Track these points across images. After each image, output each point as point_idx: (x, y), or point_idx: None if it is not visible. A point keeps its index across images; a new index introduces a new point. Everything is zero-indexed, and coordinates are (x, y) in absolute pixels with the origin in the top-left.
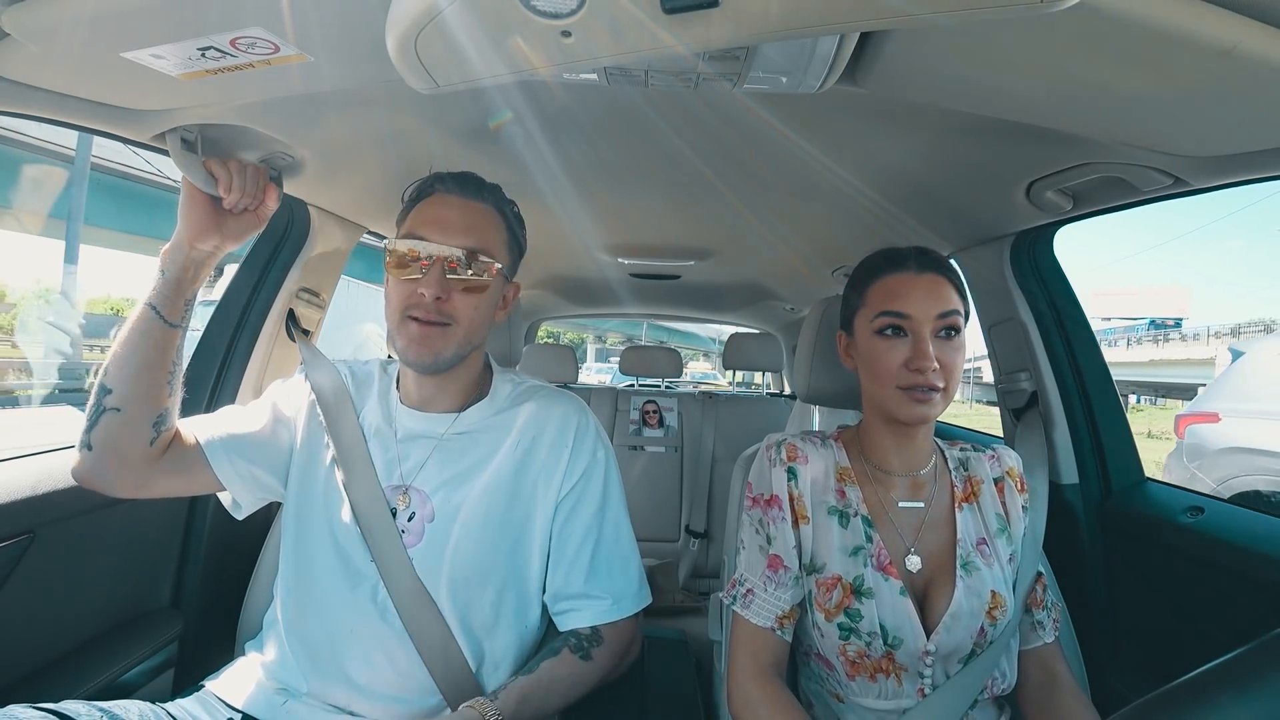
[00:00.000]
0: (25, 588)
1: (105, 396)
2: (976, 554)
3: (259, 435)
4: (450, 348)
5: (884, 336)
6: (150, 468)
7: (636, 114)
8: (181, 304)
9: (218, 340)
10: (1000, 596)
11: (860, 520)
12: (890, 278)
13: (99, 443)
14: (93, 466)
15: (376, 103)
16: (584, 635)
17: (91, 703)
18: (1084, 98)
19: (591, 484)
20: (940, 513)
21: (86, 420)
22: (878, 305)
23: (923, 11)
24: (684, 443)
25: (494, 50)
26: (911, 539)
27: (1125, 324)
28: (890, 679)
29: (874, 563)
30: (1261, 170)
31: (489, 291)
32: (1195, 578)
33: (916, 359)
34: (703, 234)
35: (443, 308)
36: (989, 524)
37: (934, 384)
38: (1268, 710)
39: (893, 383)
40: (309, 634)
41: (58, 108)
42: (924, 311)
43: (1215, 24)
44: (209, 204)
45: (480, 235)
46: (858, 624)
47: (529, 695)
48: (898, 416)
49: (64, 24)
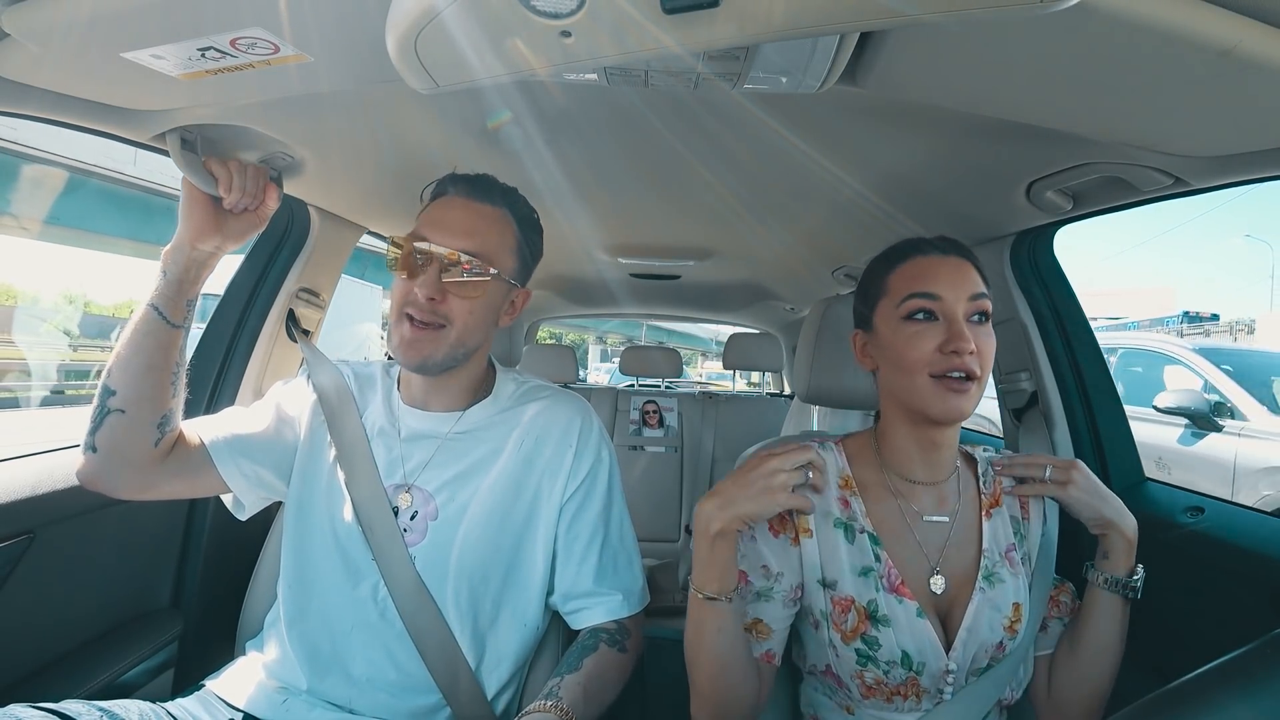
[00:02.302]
0: (25, 588)
1: (109, 398)
2: (1004, 563)
3: (263, 435)
4: (441, 350)
5: (914, 321)
6: (154, 469)
7: (636, 114)
8: (184, 304)
9: (218, 340)
10: (1021, 609)
11: (866, 537)
12: (915, 260)
13: (103, 444)
14: (97, 468)
15: (376, 103)
16: (612, 630)
17: (92, 702)
18: (1084, 98)
19: (597, 484)
20: (966, 527)
21: (90, 422)
22: (904, 289)
23: (923, 11)
24: (684, 443)
25: (494, 50)
26: (936, 557)
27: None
28: (908, 700)
29: (885, 584)
30: (1261, 170)
31: (486, 295)
32: (1195, 578)
33: (952, 340)
34: (702, 234)
35: (437, 308)
36: (1009, 528)
37: (971, 369)
38: (1269, 710)
39: (925, 370)
40: (309, 632)
41: (57, 108)
42: (955, 293)
43: (1215, 24)
44: (209, 204)
45: (480, 238)
46: (876, 652)
47: (588, 691)
48: (930, 412)
49: (64, 24)
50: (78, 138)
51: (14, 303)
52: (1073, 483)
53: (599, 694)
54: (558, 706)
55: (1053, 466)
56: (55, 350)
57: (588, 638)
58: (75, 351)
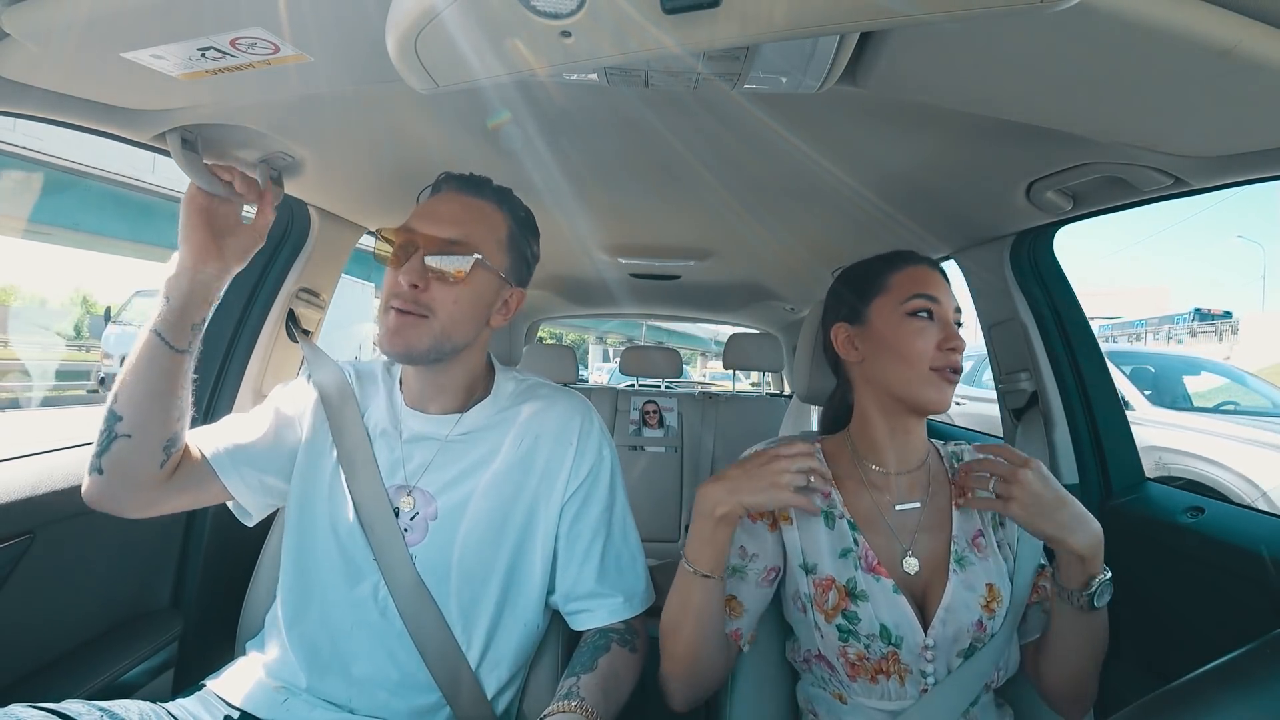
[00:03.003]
0: (25, 588)
1: (115, 423)
2: (972, 549)
3: (264, 441)
4: (425, 340)
5: (918, 318)
6: (160, 489)
7: (636, 114)
8: (189, 329)
9: (218, 340)
10: (996, 589)
11: (845, 523)
12: (917, 267)
13: (110, 468)
14: (103, 490)
15: (376, 103)
16: (621, 630)
17: (92, 702)
18: (1084, 98)
19: (599, 483)
20: (937, 513)
21: (97, 445)
22: (908, 289)
23: (923, 11)
24: (684, 443)
25: (494, 50)
26: (908, 541)
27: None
28: (891, 680)
29: (863, 564)
30: (1261, 170)
31: (471, 286)
32: (1195, 578)
33: (949, 339)
34: (702, 234)
35: (420, 297)
36: (983, 515)
37: (961, 366)
38: (1268, 710)
39: (926, 364)
40: (310, 632)
41: (58, 108)
42: (947, 300)
43: (1215, 24)
44: (208, 226)
45: (465, 227)
46: (856, 626)
47: (607, 691)
48: (921, 399)
49: (64, 24)
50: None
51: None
52: (1014, 499)
53: (616, 694)
54: (582, 707)
55: (998, 478)
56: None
57: (598, 637)
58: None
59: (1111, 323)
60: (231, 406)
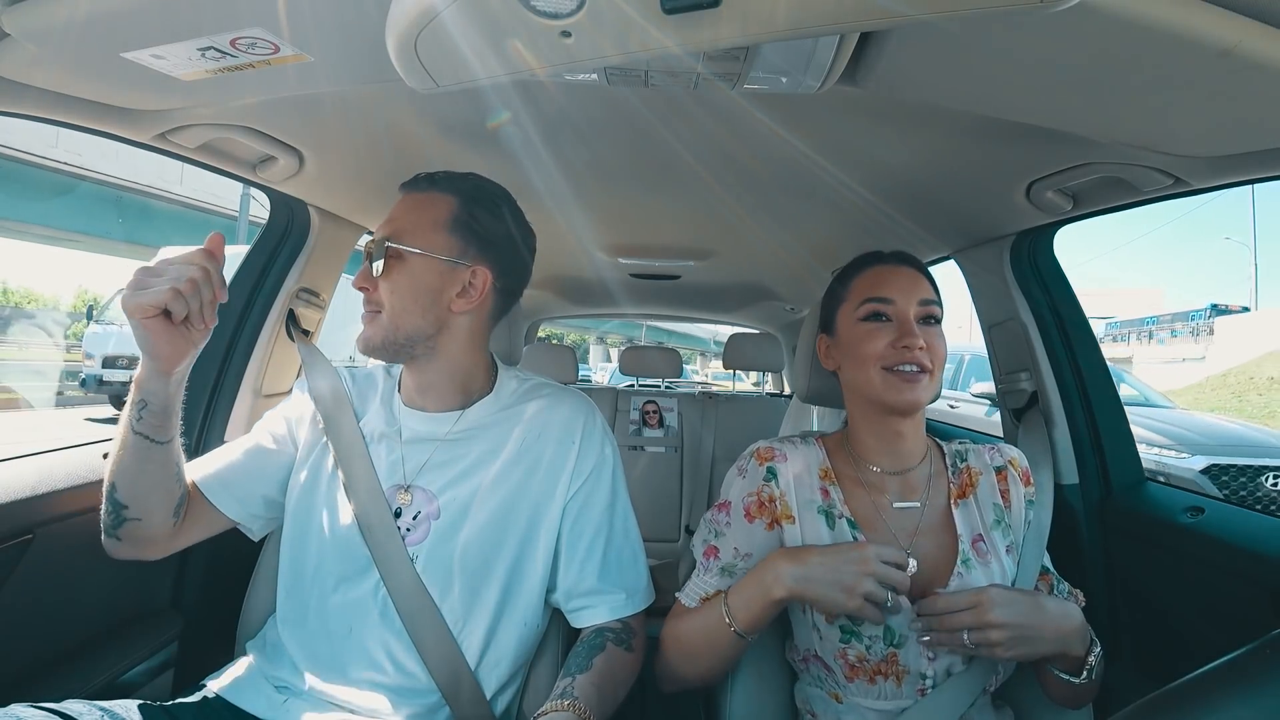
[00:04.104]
0: (25, 588)
1: (122, 510)
2: (973, 552)
3: (259, 459)
4: (378, 334)
5: (869, 322)
6: (175, 536)
7: (636, 114)
8: (172, 420)
9: (218, 340)
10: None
11: (845, 522)
12: (872, 270)
13: (126, 537)
14: (124, 550)
15: (376, 103)
16: (618, 629)
17: (92, 702)
18: (1084, 98)
19: (601, 482)
20: (937, 513)
21: (108, 520)
22: (862, 294)
23: (922, 11)
24: (684, 443)
25: (493, 51)
26: (907, 542)
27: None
28: (889, 681)
29: None
30: (1261, 170)
31: (409, 276)
32: (1195, 578)
33: (903, 337)
34: (702, 235)
35: (372, 298)
36: (985, 517)
37: (922, 363)
38: (1268, 710)
39: (877, 363)
40: (309, 632)
41: (58, 108)
42: (906, 298)
43: (1215, 24)
44: (170, 328)
45: (396, 223)
46: (859, 626)
47: (602, 691)
48: (885, 400)
49: (64, 24)
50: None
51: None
52: (997, 644)
53: (612, 694)
54: (575, 706)
55: (969, 630)
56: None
57: (594, 637)
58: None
59: (1120, 322)
60: (232, 406)
